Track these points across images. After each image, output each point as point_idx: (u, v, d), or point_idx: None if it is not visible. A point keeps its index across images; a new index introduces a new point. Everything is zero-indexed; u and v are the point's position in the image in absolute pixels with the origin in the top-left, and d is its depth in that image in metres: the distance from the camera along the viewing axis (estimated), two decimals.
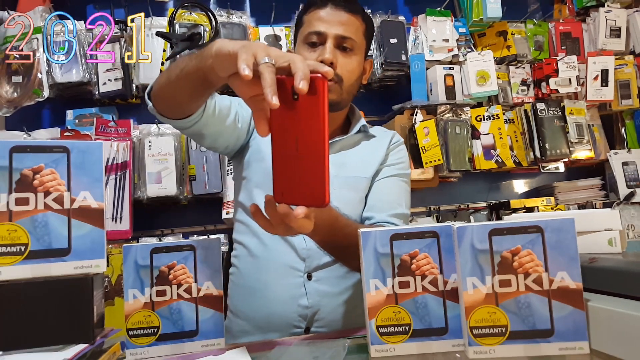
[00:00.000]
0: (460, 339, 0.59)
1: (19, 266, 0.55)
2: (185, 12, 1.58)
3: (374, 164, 0.98)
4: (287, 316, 0.88)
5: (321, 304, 0.89)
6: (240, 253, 0.97)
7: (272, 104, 0.46)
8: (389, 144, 1.02)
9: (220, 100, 0.88)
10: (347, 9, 0.92)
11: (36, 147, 0.57)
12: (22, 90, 1.49)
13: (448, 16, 1.79)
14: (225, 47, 0.53)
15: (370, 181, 0.97)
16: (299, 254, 0.90)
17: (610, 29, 1.86)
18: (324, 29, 0.90)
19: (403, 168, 1.02)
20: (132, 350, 0.63)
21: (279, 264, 0.90)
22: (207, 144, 0.92)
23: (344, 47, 0.91)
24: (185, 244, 0.65)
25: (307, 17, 0.94)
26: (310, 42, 0.92)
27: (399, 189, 0.99)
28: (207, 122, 0.84)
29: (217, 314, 0.65)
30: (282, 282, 0.90)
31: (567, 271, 0.56)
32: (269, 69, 0.48)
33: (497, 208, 1.83)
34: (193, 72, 0.63)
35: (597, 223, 0.70)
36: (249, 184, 0.96)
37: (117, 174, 1.50)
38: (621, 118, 1.99)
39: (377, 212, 0.94)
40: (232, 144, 0.96)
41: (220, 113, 0.87)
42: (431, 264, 0.60)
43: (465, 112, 1.79)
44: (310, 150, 0.48)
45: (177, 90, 0.71)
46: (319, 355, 0.59)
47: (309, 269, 0.90)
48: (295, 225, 0.53)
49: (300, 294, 0.89)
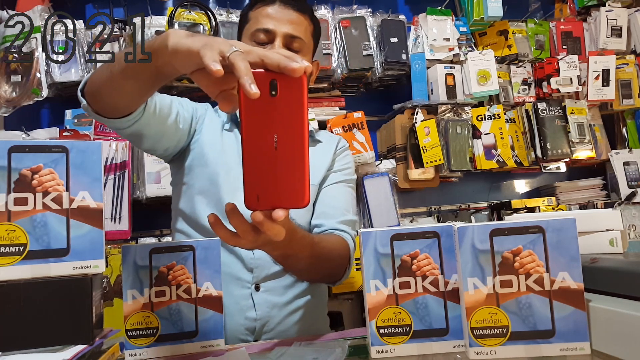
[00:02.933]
0: (461, 340, 0.58)
1: (17, 266, 0.55)
2: (184, 11, 1.58)
3: (321, 170, 0.96)
4: (234, 329, 0.84)
5: (270, 315, 0.86)
6: None
7: (252, 94, 0.42)
8: (335, 149, 1.01)
9: (160, 98, 0.82)
10: (295, 7, 0.89)
11: (35, 147, 0.57)
12: (20, 90, 1.49)
13: (449, 15, 1.79)
14: (182, 43, 0.49)
15: (317, 188, 0.95)
16: (246, 265, 0.87)
17: (612, 29, 1.86)
18: (272, 27, 0.86)
19: (349, 174, 1.00)
20: (131, 351, 0.62)
21: (226, 275, 0.84)
22: (146, 146, 0.85)
23: (292, 47, 0.88)
24: (185, 244, 0.65)
25: (254, 13, 0.90)
26: (258, 40, 0.87)
27: (346, 195, 0.97)
28: (148, 122, 0.77)
29: (217, 315, 0.65)
30: (228, 294, 0.85)
31: (568, 271, 0.55)
32: (239, 56, 0.44)
33: (498, 208, 1.83)
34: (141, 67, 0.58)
35: (598, 223, 0.69)
36: (191, 190, 0.91)
37: (116, 173, 1.49)
38: (622, 118, 1.98)
39: (326, 219, 0.92)
40: (173, 147, 0.90)
41: (161, 112, 0.81)
42: (432, 264, 0.59)
43: (466, 112, 1.79)
44: (290, 147, 0.46)
45: (119, 86, 0.65)
46: (319, 356, 0.59)
47: (257, 280, 0.87)
48: (271, 232, 0.48)
49: (248, 306, 0.85)
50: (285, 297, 0.89)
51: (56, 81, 1.51)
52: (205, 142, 0.93)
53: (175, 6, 1.57)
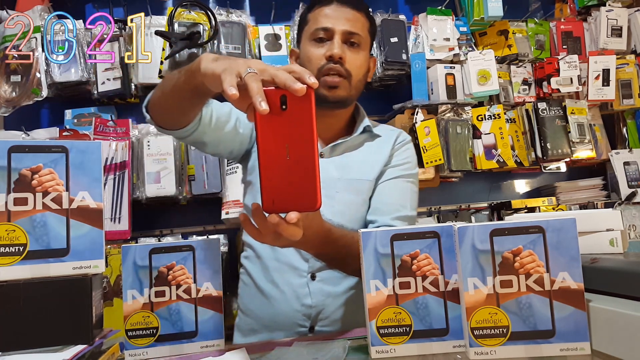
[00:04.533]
0: (461, 340, 0.58)
1: (17, 266, 0.55)
2: (184, 11, 1.58)
3: (377, 165, 0.97)
4: (292, 315, 0.90)
5: (325, 303, 0.90)
6: (249, 254, 0.98)
7: (261, 110, 0.47)
8: (394, 144, 1.01)
9: (218, 108, 0.89)
10: (352, 5, 0.93)
11: (35, 147, 0.57)
12: (20, 90, 1.49)
13: (449, 15, 1.79)
14: (209, 68, 0.56)
15: (373, 183, 0.96)
16: (302, 255, 0.91)
17: (612, 28, 1.85)
18: (331, 25, 0.91)
19: (409, 168, 1.00)
20: (131, 351, 0.62)
21: (284, 264, 0.92)
22: (209, 151, 0.94)
23: (352, 43, 0.92)
24: (185, 244, 0.65)
25: (312, 14, 0.95)
26: (318, 38, 0.92)
27: (403, 190, 0.97)
28: (204, 131, 0.85)
29: (217, 315, 0.65)
30: (286, 282, 0.91)
31: (569, 271, 0.55)
32: (253, 77, 0.50)
33: (498, 208, 1.83)
34: (183, 86, 0.66)
35: (598, 223, 0.69)
36: (254, 188, 0.97)
37: (116, 173, 1.49)
38: (622, 118, 1.98)
39: (380, 215, 0.93)
40: (237, 149, 0.97)
41: (218, 121, 0.88)
42: (432, 264, 0.59)
43: (467, 112, 1.78)
44: (301, 156, 0.50)
45: (170, 103, 0.74)
46: (319, 356, 0.59)
47: (313, 269, 0.91)
48: (286, 233, 0.53)
49: (304, 294, 0.90)
50: (339, 287, 0.91)
51: (56, 81, 1.51)
52: None
53: (175, 6, 1.57)
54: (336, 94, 0.91)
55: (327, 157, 0.97)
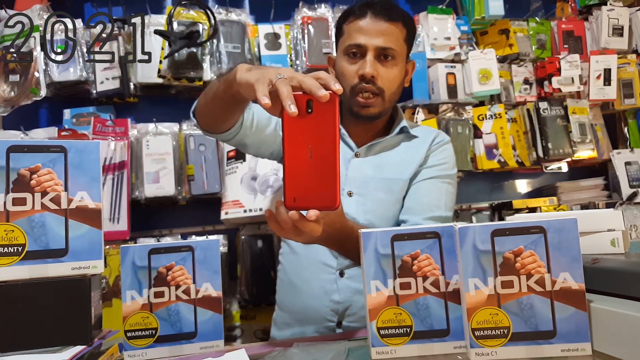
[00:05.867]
0: (462, 341, 0.58)
1: (16, 267, 0.55)
2: (183, 10, 1.57)
3: (412, 165, 0.97)
4: (321, 310, 0.94)
5: (352, 300, 0.93)
6: (285, 250, 1.03)
7: (290, 112, 0.52)
8: (430, 144, 1.01)
9: (259, 112, 0.93)
10: (387, 17, 0.92)
11: (33, 147, 0.57)
12: (19, 89, 1.48)
13: (450, 14, 1.78)
14: (243, 78, 0.61)
15: (407, 183, 0.97)
16: (332, 252, 0.94)
17: (613, 28, 1.85)
18: (363, 42, 0.91)
19: (445, 169, 0.99)
20: (130, 352, 0.62)
21: (315, 260, 0.96)
22: (251, 152, 0.99)
23: (385, 57, 0.92)
24: (184, 244, 0.65)
25: (347, 27, 0.95)
26: (351, 53, 0.93)
27: (438, 190, 0.97)
28: (246, 134, 0.91)
29: (216, 316, 0.64)
30: (317, 277, 0.95)
31: (570, 272, 0.55)
32: (283, 82, 0.54)
33: (499, 208, 1.82)
34: (222, 94, 0.72)
35: (599, 223, 0.69)
36: None
37: (115, 173, 1.49)
38: (624, 117, 1.98)
39: (412, 214, 0.94)
40: (277, 151, 1.00)
41: (258, 124, 0.93)
42: (433, 265, 0.59)
43: (467, 111, 1.78)
44: (322, 157, 0.53)
45: (212, 109, 0.80)
46: (319, 357, 0.59)
47: (341, 267, 0.95)
48: (307, 229, 0.56)
49: (332, 290, 0.94)
50: None
51: (55, 81, 1.51)
52: None
53: (174, 5, 1.57)
54: (369, 112, 0.94)
55: (363, 157, 0.98)
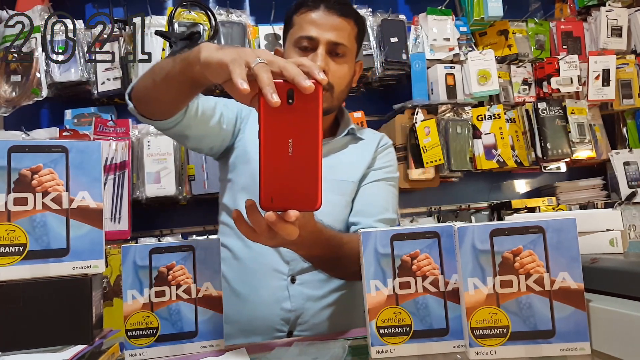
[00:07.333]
0: (461, 340, 0.58)
1: (17, 266, 0.55)
2: (184, 11, 1.58)
3: (360, 167, 0.96)
4: (270, 319, 0.87)
5: (304, 307, 0.88)
6: (225, 256, 0.94)
7: (273, 102, 0.45)
8: (377, 147, 1.00)
9: (204, 101, 0.86)
10: (339, 12, 0.89)
11: (35, 147, 0.57)
12: (20, 90, 1.49)
13: (449, 15, 1.79)
14: (213, 56, 0.52)
15: (357, 185, 0.96)
16: (283, 257, 0.89)
17: (612, 28, 1.85)
18: (315, 34, 0.87)
19: (391, 172, 1.00)
20: (131, 351, 0.62)
21: (263, 266, 0.89)
22: (191, 146, 0.91)
23: (336, 53, 0.89)
24: (185, 244, 0.65)
25: (298, 18, 0.91)
26: (302, 46, 0.89)
27: (386, 193, 0.97)
28: (189, 124, 0.82)
29: (217, 315, 0.65)
30: (265, 285, 0.88)
31: (569, 272, 0.55)
32: (263, 67, 0.47)
33: (498, 208, 1.83)
34: (178, 76, 0.62)
35: (598, 223, 0.69)
36: (234, 186, 0.95)
37: (116, 173, 1.49)
38: (623, 118, 1.98)
39: (363, 217, 0.92)
40: (218, 146, 0.94)
41: (203, 114, 0.85)
42: (432, 264, 0.59)
43: (467, 112, 1.78)
44: (304, 153, 0.48)
45: (160, 92, 0.70)
46: (319, 356, 0.59)
47: (293, 272, 0.89)
48: (284, 233, 0.50)
49: (283, 297, 0.88)
50: (320, 290, 0.90)
51: (56, 81, 1.51)
52: (249, 140, 0.95)
53: (175, 6, 1.57)
54: None
55: None
